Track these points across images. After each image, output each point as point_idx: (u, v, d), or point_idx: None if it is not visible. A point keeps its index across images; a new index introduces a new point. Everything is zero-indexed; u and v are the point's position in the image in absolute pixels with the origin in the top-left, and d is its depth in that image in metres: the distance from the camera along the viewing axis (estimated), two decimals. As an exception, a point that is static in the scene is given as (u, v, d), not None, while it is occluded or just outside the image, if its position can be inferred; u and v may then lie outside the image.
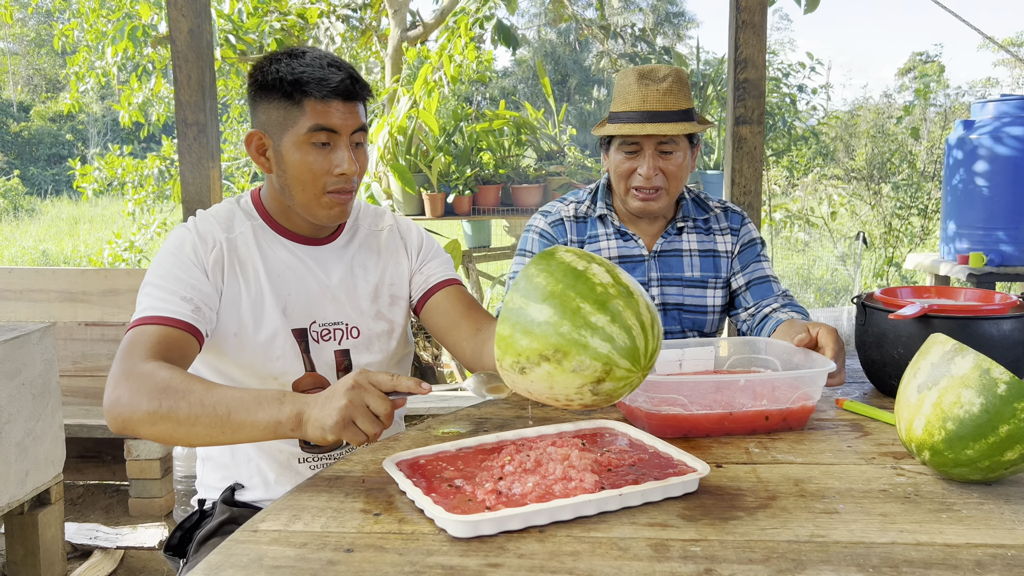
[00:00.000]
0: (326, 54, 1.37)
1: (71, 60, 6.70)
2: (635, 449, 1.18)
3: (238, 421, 1.12)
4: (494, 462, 1.13)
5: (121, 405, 1.16)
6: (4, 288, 3.36)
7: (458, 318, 1.52)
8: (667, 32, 22.27)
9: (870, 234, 8.54)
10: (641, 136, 1.76)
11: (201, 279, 1.35)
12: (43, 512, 2.45)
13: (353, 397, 1.06)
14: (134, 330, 1.27)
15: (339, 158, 1.36)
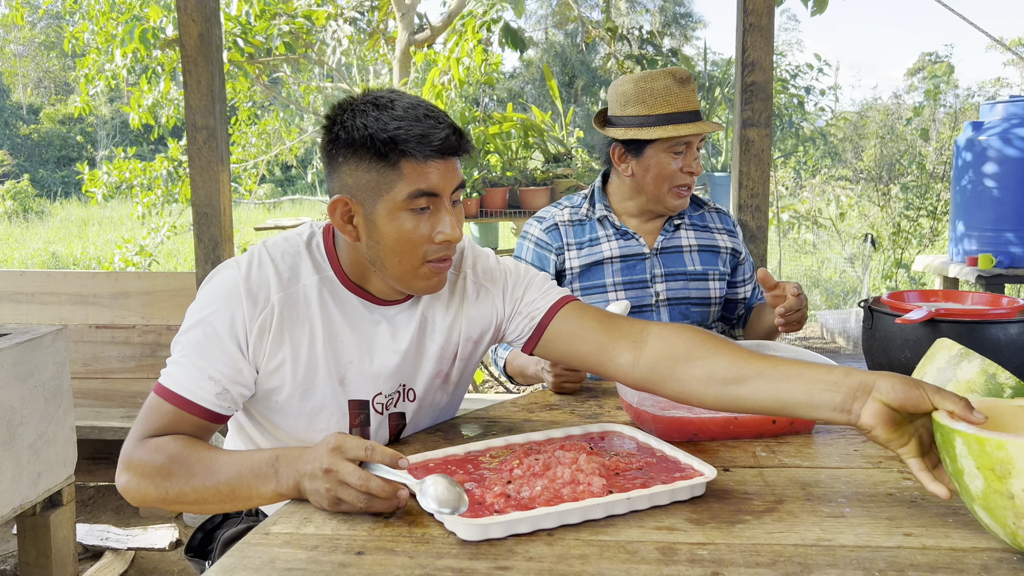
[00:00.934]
0: (419, 102, 1.19)
1: (80, 63, 6.75)
2: (643, 453, 1.19)
3: (243, 497, 1.11)
4: (503, 465, 1.13)
5: (131, 490, 1.17)
6: (15, 291, 3.39)
7: (598, 333, 1.28)
8: (674, 33, 22.26)
9: (879, 235, 8.52)
10: (693, 135, 1.82)
11: (234, 356, 1.21)
12: (55, 513, 2.47)
13: (329, 485, 1.02)
14: (156, 399, 1.20)
15: (442, 223, 1.19)
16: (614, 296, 1.88)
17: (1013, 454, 0.82)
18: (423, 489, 1.00)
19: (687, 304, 1.91)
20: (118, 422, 3.14)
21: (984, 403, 0.99)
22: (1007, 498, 0.84)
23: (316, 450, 1.05)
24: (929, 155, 9.13)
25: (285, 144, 7.73)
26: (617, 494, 1.03)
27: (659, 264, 1.91)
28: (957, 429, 0.88)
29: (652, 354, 1.20)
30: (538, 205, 4.18)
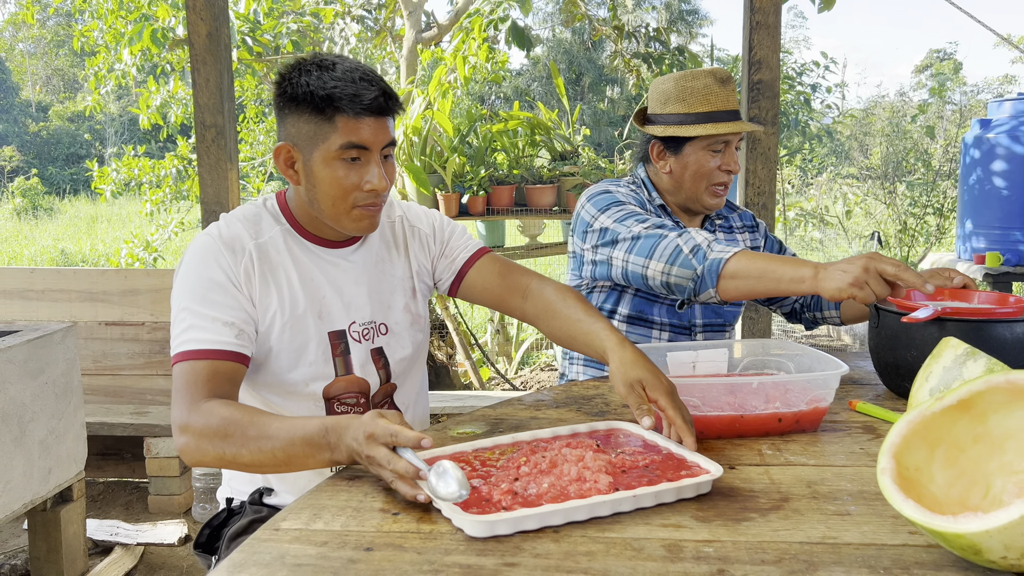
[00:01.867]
0: (357, 66, 1.34)
1: (90, 62, 6.78)
2: (649, 450, 1.20)
3: (299, 464, 1.19)
4: (510, 463, 1.14)
5: (190, 450, 1.23)
6: (26, 288, 3.41)
7: (500, 288, 1.56)
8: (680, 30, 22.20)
9: (885, 233, 8.49)
10: (735, 134, 1.84)
11: (237, 297, 1.34)
12: (65, 509, 2.50)
13: (370, 466, 1.11)
14: (182, 366, 1.28)
15: (370, 174, 1.35)
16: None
17: (976, 541, 0.82)
18: (429, 477, 1.05)
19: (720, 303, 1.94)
20: (127, 418, 3.16)
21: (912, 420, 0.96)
22: (989, 561, 0.84)
23: (357, 431, 1.12)
24: (936, 153, 9.10)
25: (292, 142, 7.73)
26: (623, 491, 1.04)
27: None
28: (912, 519, 0.87)
29: (530, 309, 1.52)
30: (545, 203, 4.19)
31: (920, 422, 0.96)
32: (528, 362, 5.71)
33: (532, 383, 5.04)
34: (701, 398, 1.31)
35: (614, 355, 1.31)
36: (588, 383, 1.71)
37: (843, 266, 1.40)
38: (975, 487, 0.94)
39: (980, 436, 0.96)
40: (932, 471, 0.94)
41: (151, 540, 2.85)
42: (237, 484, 1.53)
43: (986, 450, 0.96)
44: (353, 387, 1.47)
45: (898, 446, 0.95)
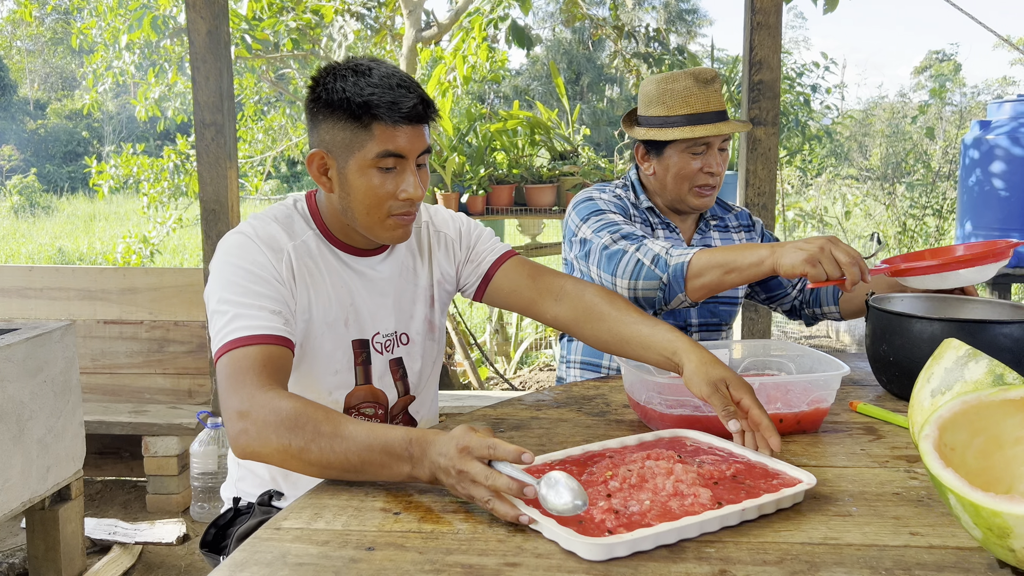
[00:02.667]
0: (394, 71, 1.30)
1: (88, 60, 6.77)
2: (727, 459, 1.15)
3: (373, 472, 1.11)
4: (594, 477, 1.09)
5: (249, 438, 1.14)
6: (24, 286, 3.41)
7: (531, 291, 1.51)
8: (680, 30, 22.22)
9: (885, 234, 8.50)
10: (714, 136, 1.84)
11: (280, 290, 1.30)
12: (63, 507, 2.49)
13: (461, 483, 1.03)
14: (233, 354, 1.21)
15: (406, 183, 1.31)
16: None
17: (1010, 523, 0.81)
18: (539, 489, 0.98)
19: (716, 302, 1.96)
20: (126, 417, 3.15)
21: (968, 401, 0.99)
22: (1008, 550, 0.84)
23: (447, 445, 1.04)
24: (935, 154, 9.11)
25: (291, 140, 7.74)
26: (731, 505, 1.00)
27: None
28: (949, 487, 0.86)
29: (565, 313, 1.48)
30: (544, 203, 4.19)
31: (975, 405, 0.97)
32: (527, 362, 5.72)
33: (531, 383, 5.04)
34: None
35: (690, 355, 1.26)
36: (588, 383, 1.71)
37: (801, 244, 1.47)
38: (998, 485, 0.93)
39: (1023, 439, 0.96)
40: (965, 456, 0.94)
41: (149, 539, 2.84)
42: (245, 487, 1.51)
43: (1022, 455, 0.96)
44: (371, 398, 1.45)
45: (945, 420, 0.96)
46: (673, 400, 1.31)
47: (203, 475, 3.03)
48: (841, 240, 1.47)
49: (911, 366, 1.40)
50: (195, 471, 3.04)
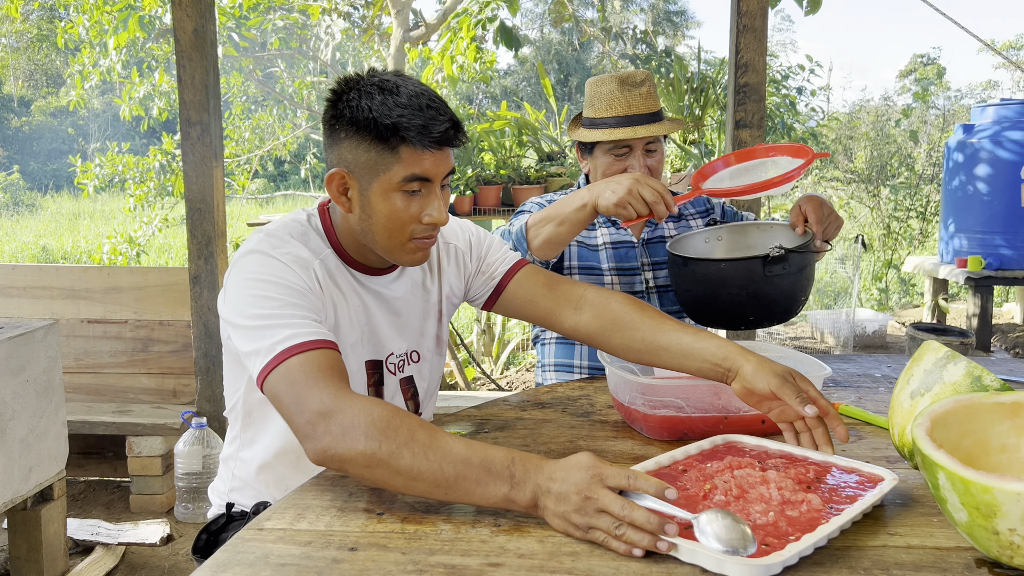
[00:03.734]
0: (423, 91, 1.24)
1: (73, 59, 6.72)
2: (801, 461, 1.14)
3: (465, 490, 1.02)
4: (691, 493, 1.05)
5: (333, 438, 1.04)
6: (7, 285, 3.38)
7: (548, 300, 1.46)
8: (667, 32, 22.29)
9: (869, 236, 8.56)
10: (632, 139, 1.87)
11: (315, 302, 1.24)
12: (46, 508, 2.48)
13: (584, 511, 0.96)
14: (289, 363, 1.11)
15: (431, 207, 1.27)
16: (609, 280, 1.96)
17: (999, 499, 0.82)
18: (700, 526, 0.91)
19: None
20: (109, 417, 3.14)
21: (962, 400, 1.01)
22: (992, 533, 0.85)
23: (569, 471, 0.99)
24: (919, 157, 9.18)
25: (279, 139, 7.71)
26: (848, 508, 0.99)
27: (646, 254, 2.02)
28: (940, 464, 0.87)
29: (588, 322, 1.43)
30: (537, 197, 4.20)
31: (968, 405, 0.98)
32: (513, 362, 5.72)
33: (517, 383, 5.05)
34: (686, 399, 1.32)
35: (748, 357, 1.22)
36: (573, 384, 1.72)
37: (613, 185, 1.59)
38: None
39: (1009, 448, 0.98)
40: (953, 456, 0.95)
41: (133, 540, 2.83)
42: (239, 497, 1.47)
43: (1005, 463, 0.97)
44: None
45: (938, 415, 0.98)
46: (656, 401, 1.31)
47: (187, 475, 3.01)
48: (645, 178, 1.59)
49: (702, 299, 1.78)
50: (179, 471, 3.02)
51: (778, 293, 1.70)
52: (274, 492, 1.42)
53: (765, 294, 1.69)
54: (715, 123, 5.36)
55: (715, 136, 5.06)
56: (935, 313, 6.03)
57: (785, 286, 1.70)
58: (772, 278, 1.67)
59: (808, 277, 1.75)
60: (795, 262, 1.68)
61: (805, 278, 1.74)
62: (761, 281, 1.67)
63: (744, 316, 1.73)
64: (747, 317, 1.73)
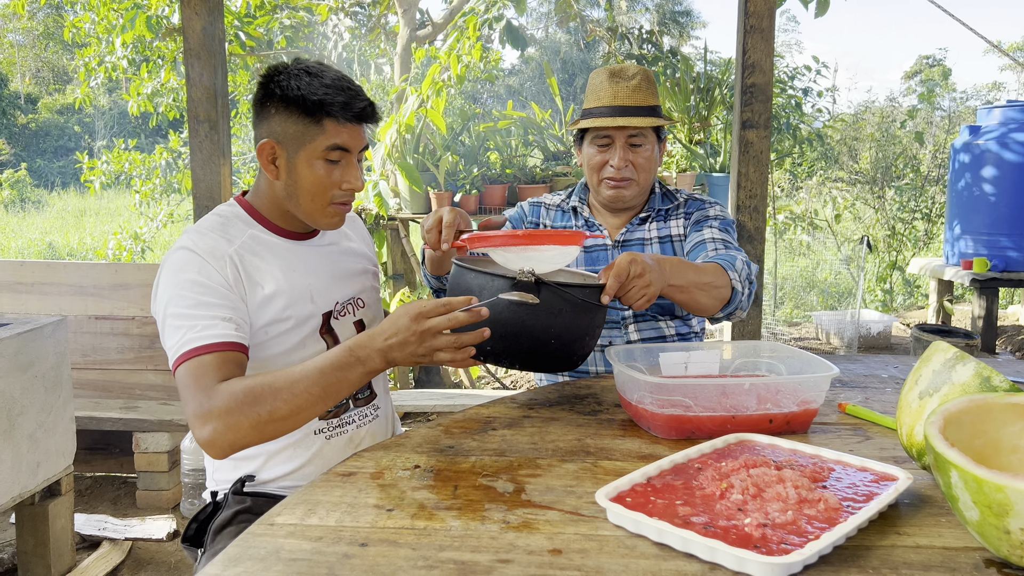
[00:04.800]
0: (342, 75, 1.45)
1: (80, 53, 6.74)
2: (814, 460, 1.15)
3: (334, 391, 1.24)
4: (707, 491, 1.05)
5: (219, 434, 1.22)
6: (15, 281, 3.39)
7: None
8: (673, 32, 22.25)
9: (874, 238, 8.54)
10: (613, 129, 1.89)
11: (229, 296, 1.39)
12: (53, 503, 2.49)
13: (425, 344, 1.21)
14: (188, 364, 1.28)
15: (349, 174, 1.46)
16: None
17: (1012, 498, 0.82)
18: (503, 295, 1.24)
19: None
20: (116, 413, 3.15)
21: (976, 400, 1.01)
22: (1003, 532, 0.85)
23: (396, 324, 1.22)
24: (925, 158, 9.16)
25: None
26: (866, 506, 1.00)
27: (617, 255, 1.91)
28: (953, 462, 0.88)
29: None
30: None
31: (981, 404, 0.99)
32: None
33: (522, 382, 5.05)
34: (693, 398, 1.32)
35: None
36: (580, 383, 1.72)
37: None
38: None
39: (1021, 449, 0.98)
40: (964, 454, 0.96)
41: (139, 535, 2.84)
42: (221, 475, 1.55)
43: (1016, 463, 0.98)
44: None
45: (951, 414, 0.98)
46: (664, 400, 1.32)
47: (194, 471, 3.03)
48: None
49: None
50: (186, 467, 3.03)
51: (521, 328, 1.34)
52: (248, 456, 1.51)
53: (505, 323, 1.33)
54: (721, 123, 5.35)
55: (721, 136, 5.05)
56: (940, 315, 6.02)
57: (535, 325, 1.35)
58: (517, 308, 1.33)
59: (578, 329, 1.40)
60: (552, 301, 1.35)
61: (569, 327, 1.38)
62: (503, 307, 1.33)
63: (484, 344, 1.30)
64: (486, 345, 1.33)
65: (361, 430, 1.58)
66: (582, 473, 1.19)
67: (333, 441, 1.54)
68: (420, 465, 1.23)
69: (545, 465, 1.23)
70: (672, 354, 1.53)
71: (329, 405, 1.26)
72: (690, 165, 4.78)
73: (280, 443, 1.50)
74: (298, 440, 1.50)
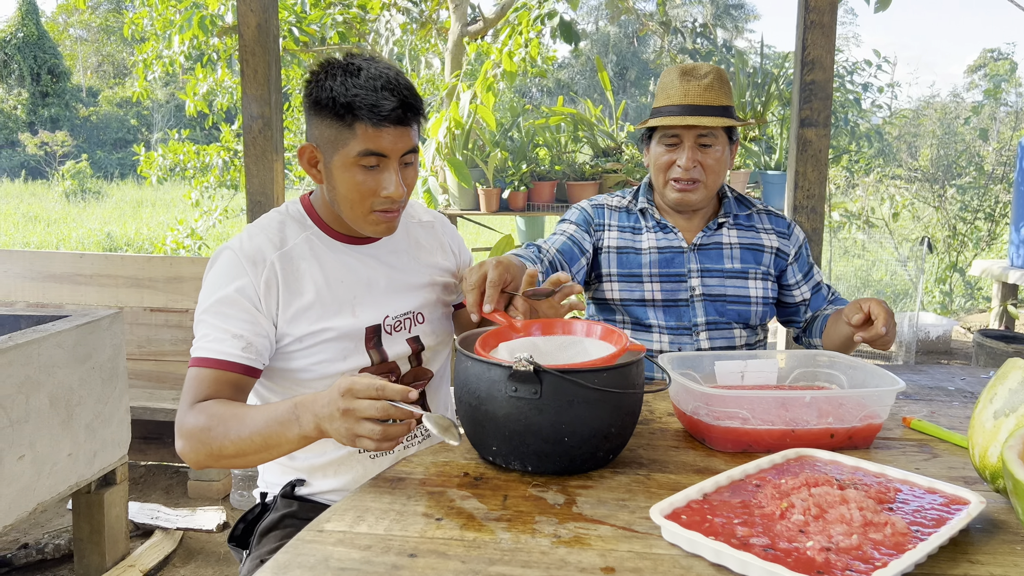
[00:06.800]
0: (381, 73, 1.33)
1: (139, 48, 6.89)
2: (877, 478, 1.10)
3: (274, 444, 1.21)
4: (767, 511, 1.01)
5: (187, 453, 1.28)
6: (75, 273, 3.48)
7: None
8: (727, 26, 21.91)
9: (933, 237, 8.28)
10: (681, 128, 1.83)
11: (251, 311, 1.36)
12: (108, 492, 2.54)
13: (346, 425, 1.11)
14: (193, 371, 1.33)
15: (387, 181, 1.37)
16: (649, 287, 1.89)
17: None
18: (426, 416, 1.10)
19: (723, 301, 1.89)
20: (170, 404, 3.21)
21: None
22: None
23: (330, 394, 1.13)
24: (988, 156, 8.85)
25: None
26: (935, 531, 0.95)
27: (696, 260, 1.91)
28: None
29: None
30: (586, 199, 4.15)
31: None
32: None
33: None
34: (751, 410, 1.28)
35: None
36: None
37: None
38: None
39: None
40: None
41: (190, 526, 2.89)
42: (271, 477, 1.55)
43: None
44: (383, 371, 1.48)
45: None
46: (720, 412, 1.28)
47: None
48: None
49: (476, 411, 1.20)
50: (236, 459, 3.07)
51: (525, 427, 1.15)
52: (298, 460, 1.50)
53: (505, 421, 1.16)
54: (776, 119, 5.23)
55: (777, 132, 4.94)
56: (1003, 319, 5.80)
57: (541, 422, 1.14)
58: (518, 402, 1.14)
59: (598, 421, 1.16)
60: (559, 391, 1.13)
61: (586, 421, 1.15)
62: (501, 401, 1.16)
63: (487, 444, 1.21)
64: (490, 446, 1.20)
65: (409, 450, 1.53)
66: (634, 486, 1.16)
67: (378, 460, 1.50)
68: (469, 472, 1.21)
69: (596, 476, 1.20)
70: (728, 363, 1.49)
71: (272, 456, 1.24)
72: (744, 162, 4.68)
73: (323, 458, 1.48)
74: (342, 457, 1.48)
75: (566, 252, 1.87)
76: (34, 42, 22.16)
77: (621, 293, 1.90)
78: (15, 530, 2.84)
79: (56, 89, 22.48)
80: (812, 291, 1.99)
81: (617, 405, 1.19)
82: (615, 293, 1.90)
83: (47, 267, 3.50)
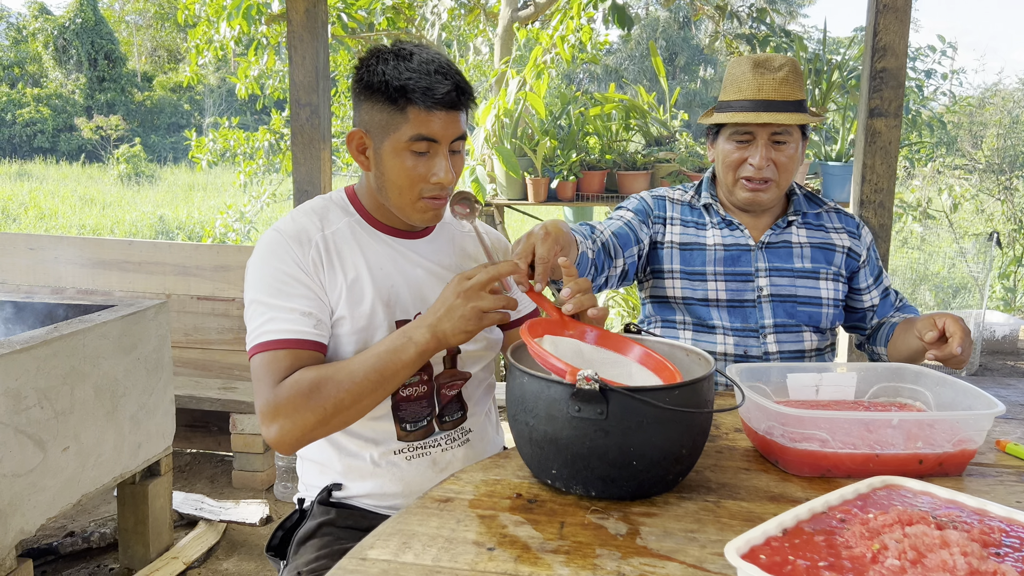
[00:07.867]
0: (434, 58, 1.33)
1: (191, 34, 6.93)
2: (977, 516, 0.98)
3: (392, 374, 1.25)
4: (853, 552, 0.91)
5: (286, 432, 1.24)
6: (124, 259, 3.48)
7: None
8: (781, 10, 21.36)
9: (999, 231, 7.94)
10: (756, 125, 1.72)
11: (311, 287, 1.34)
12: (153, 483, 2.53)
13: (470, 304, 1.19)
14: (263, 356, 1.28)
15: (437, 167, 1.34)
16: (714, 286, 1.77)
17: None
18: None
19: (793, 302, 1.78)
20: (215, 392, 3.19)
21: None
22: None
23: (443, 293, 1.23)
24: (1059, 146, 8.44)
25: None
26: None
27: (764, 258, 1.80)
28: None
29: None
30: (637, 190, 4.03)
31: None
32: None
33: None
34: (830, 432, 1.17)
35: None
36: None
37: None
38: None
39: None
40: None
41: (234, 518, 2.87)
42: (309, 479, 1.50)
43: None
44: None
45: None
46: (797, 433, 1.17)
47: (287, 456, 3.04)
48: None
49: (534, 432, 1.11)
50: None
51: (589, 450, 1.06)
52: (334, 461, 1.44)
53: (568, 444, 1.07)
54: (837, 108, 5.02)
55: (839, 122, 4.74)
56: (1074, 319, 5.53)
57: (606, 445, 1.06)
58: (581, 423, 1.05)
59: (669, 442, 1.08)
60: (627, 411, 1.04)
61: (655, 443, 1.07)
62: (563, 423, 1.07)
63: (546, 466, 1.12)
64: (550, 468, 1.12)
65: (447, 454, 1.46)
66: (703, 515, 1.07)
67: (414, 463, 1.43)
68: (521, 493, 1.13)
69: (660, 502, 1.10)
70: (802, 375, 1.38)
71: (388, 390, 1.26)
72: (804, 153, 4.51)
73: (358, 460, 1.42)
74: (376, 458, 1.42)
75: (621, 236, 1.77)
76: (91, 28, 22.62)
77: (684, 291, 1.79)
78: (62, 516, 2.85)
79: (112, 74, 22.94)
80: (881, 296, 1.88)
81: (689, 425, 1.09)
82: (677, 291, 1.80)
83: (97, 253, 3.51)
